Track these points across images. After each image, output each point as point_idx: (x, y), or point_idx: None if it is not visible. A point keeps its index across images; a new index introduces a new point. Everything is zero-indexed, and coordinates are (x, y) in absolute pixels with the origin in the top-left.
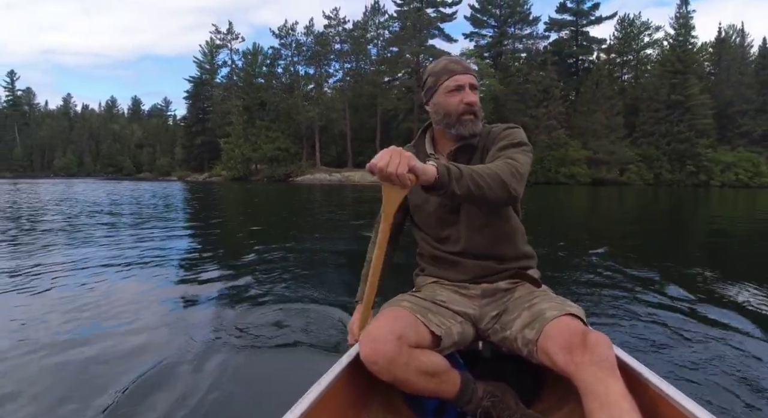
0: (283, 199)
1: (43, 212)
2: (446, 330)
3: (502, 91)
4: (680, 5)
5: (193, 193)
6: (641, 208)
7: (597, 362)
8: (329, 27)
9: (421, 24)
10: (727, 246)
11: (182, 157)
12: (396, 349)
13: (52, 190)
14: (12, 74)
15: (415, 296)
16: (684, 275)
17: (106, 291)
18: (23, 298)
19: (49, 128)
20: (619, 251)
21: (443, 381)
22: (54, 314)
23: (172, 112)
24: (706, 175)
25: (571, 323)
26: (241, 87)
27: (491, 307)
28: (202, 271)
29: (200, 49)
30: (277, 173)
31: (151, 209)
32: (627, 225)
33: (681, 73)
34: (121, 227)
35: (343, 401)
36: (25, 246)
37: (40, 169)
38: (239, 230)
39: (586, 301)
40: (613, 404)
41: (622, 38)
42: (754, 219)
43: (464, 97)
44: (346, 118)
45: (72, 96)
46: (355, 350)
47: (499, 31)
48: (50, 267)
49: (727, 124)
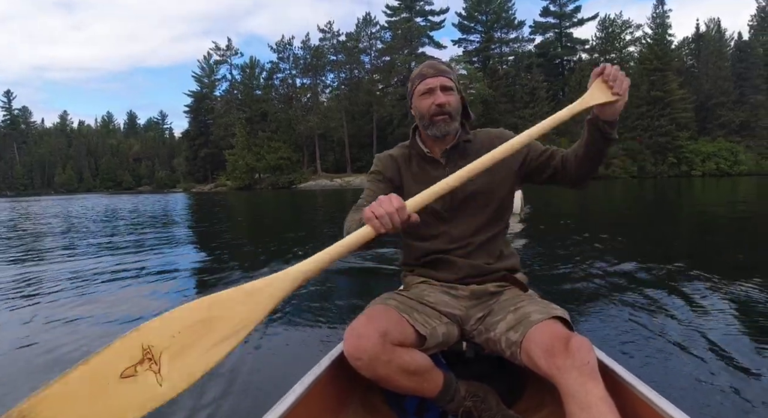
0: (294, 205)
1: (89, 227)
2: (431, 330)
3: (490, 94)
4: (656, 5)
5: (210, 204)
6: (626, 200)
7: (578, 367)
8: (324, 40)
9: (410, 33)
10: (712, 234)
11: (186, 170)
12: (379, 346)
13: (78, 207)
14: (9, 94)
15: (402, 295)
16: (671, 269)
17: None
18: (71, 298)
19: (47, 146)
20: (606, 243)
21: (426, 380)
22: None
23: (168, 124)
24: (687, 165)
25: (555, 327)
26: (241, 100)
27: (477, 309)
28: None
29: (198, 63)
30: (280, 181)
31: (184, 219)
32: (614, 218)
33: (659, 70)
34: (178, 239)
35: (323, 401)
36: (84, 254)
37: (41, 187)
38: (279, 235)
39: (571, 297)
40: (593, 407)
41: (603, 38)
42: (736, 207)
43: (435, 99)
44: (344, 126)
45: (68, 113)
46: (337, 351)
47: (485, 37)
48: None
49: (707, 116)
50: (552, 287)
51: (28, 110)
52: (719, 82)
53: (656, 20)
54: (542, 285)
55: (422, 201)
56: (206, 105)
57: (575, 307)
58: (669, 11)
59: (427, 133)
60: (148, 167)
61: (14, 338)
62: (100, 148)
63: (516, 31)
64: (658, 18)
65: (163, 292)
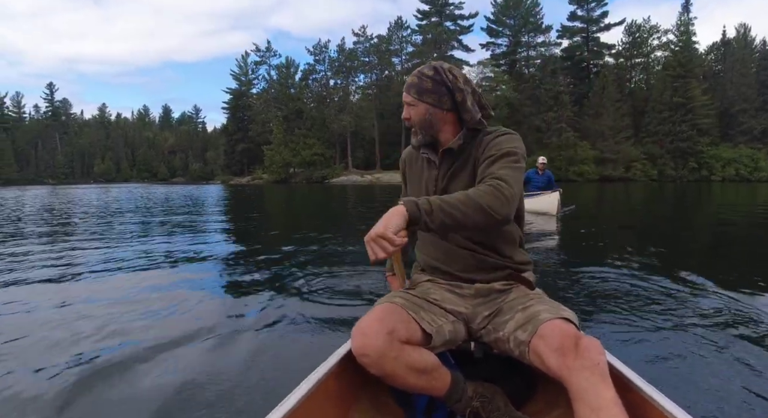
0: (328, 199)
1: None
2: (437, 328)
3: (515, 97)
4: (681, 13)
5: (262, 196)
6: (646, 202)
7: (589, 367)
8: (358, 43)
9: (440, 38)
10: (730, 238)
11: (224, 163)
12: (386, 343)
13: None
14: (51, 86)
15: (409, 293)
16: (686, 271)
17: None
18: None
19: (87, 136)
20: (623, 247)
21: (433, 378)
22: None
23: (202, 118)
24: (707, 170)
25: (565, 327)
26: (277, 98)
27: (484, 307)
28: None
29: (236, 62)
30: (314, 176)
31: (247, 210)
32: (632, 218)
33: (682, 76)
34: (241, 226)
35: (332, 397)
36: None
37: (81, 176)
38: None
39: (579, 300)
40: (604, 409)
41: (629, 43)
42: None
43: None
44: (374, 125)
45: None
46: (345, 348)
47: (513, 40)
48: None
49: (730, 123)
50: (560, 288)
51: (68, 102)
52: (743, 89)
53: (680, 28)
54: (551, 285)
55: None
56: (244, 102)
57: (584, 308)
58: (694, 19)
59: (414, 139)
60: (182, 159)
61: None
62: (137, 140)
63: (543, 35)
64: (682, 26)
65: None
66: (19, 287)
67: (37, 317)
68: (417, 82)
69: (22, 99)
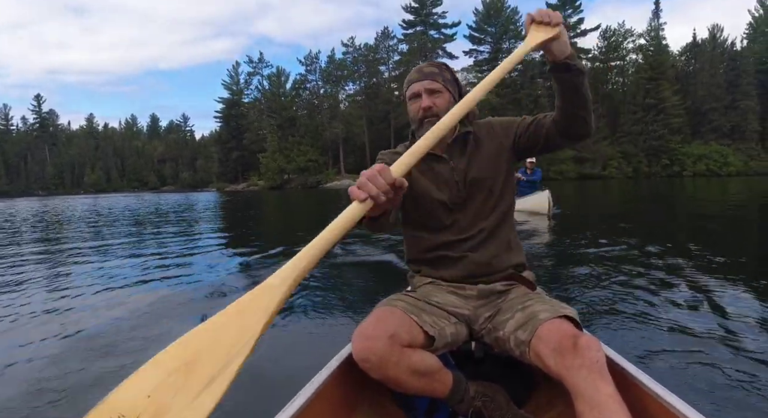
0: (327, 202)
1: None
2: (439, 331)
3: (498, 102)
4: (652, 19)
5: (256, 203)
6: (625, 199)
7: (587, 365)
8: (347, 53)
9: (425, 46)
10: (708, 230)
11: (219, 171)
12: (387, 348)
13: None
14: (39, 98)
15: (410, 296)
16: (672, 264)
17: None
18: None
19: (76, 147)
20: (616, 241)
21: (435, 380)
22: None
23: (190, 127)
24: (679, 166)
25: (563, 326)
26: (270, 107)
27: (486, 308)
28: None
29: (227, 72)
30: (309, 181)
31: (247, 217)
32: (614, 214)
33: (654, 79)
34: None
35: (332, 403)
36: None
37: (71, 187)
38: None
39: (580, 295)
40: (603, 405)
41: (605, 47)
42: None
43: (421, 103)
44: (364, 131)
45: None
46: (346, 351)
47: (495, 47)
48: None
49: (701, 121)
50: (562, 286)
51: (55, 113)
52: (712, 88)
53: (650, 33)
54: (549, 283)
55: (408, 162)
56: (236, 111)
57: (585, 306)
58: (664, 24)
59: (418, 136)
60: (172, 168)
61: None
62: (125, 149)
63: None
64: (653, 31)
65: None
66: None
67: (36, 320)
68: (439, 72)
69: (10, 111)
